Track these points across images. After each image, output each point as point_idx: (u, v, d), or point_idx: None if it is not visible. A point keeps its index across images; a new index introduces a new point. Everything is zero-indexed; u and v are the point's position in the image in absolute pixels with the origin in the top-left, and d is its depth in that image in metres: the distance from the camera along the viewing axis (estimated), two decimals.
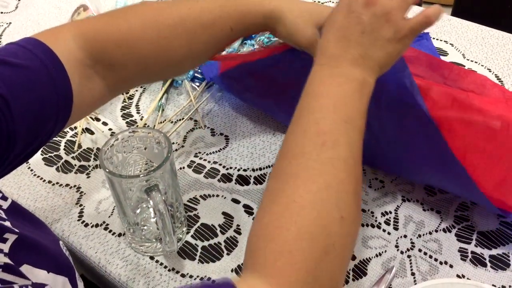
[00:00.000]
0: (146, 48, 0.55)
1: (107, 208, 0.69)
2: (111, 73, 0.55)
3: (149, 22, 0.55)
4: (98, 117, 0.82)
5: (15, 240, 0.44)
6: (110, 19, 0.55)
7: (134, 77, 0.59)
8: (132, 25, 0.54)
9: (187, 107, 0.83)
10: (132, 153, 0.61)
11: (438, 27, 0.97)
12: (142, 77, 0.61)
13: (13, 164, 0.51)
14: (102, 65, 0.54)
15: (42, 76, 0.49)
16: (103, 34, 0.54)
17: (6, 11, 1.09)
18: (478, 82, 0.65)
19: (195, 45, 0.57)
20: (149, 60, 0.56)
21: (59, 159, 0.76)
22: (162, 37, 0.55)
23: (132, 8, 0.57)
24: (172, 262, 0.62)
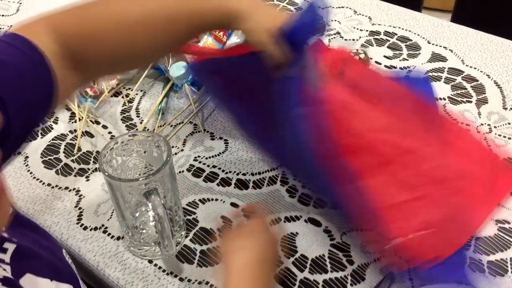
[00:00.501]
0: (114, 42, 0.56)
1: (106, 211, 0.69)
2: (82, 64, 0.56)
3: (115, 16, 0.56)
4: (98, 120, 0.82)
5: (14, 249, 0.44)
6: (80, 12, 0.56)
7: (104, 68, 0.60)
8: (100, 19, 0.55)
9: (187, 111, 0.83)
10: (131, 157, 0.61)
11: (437, 32, 0.97)
12: (112, 68, 0.62)
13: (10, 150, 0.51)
14: (73, 57, 0.55)
15: (30, 70, 0.49)
16: (73, 27, 0.55)
17: (7, 14, 1.09)
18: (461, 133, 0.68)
19: (158, 40, 0.58)
20: (117, 52, 0.57)
21: (58, 162, 0.76)
22: (127, 31, 0.56)
23: (100, 2, 0.58)
24: (170, 266, 0.62)
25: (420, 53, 0.93)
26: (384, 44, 0.96)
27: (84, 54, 0.55)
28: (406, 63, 0.91)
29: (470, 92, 0.84)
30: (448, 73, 0.88)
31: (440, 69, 0.89)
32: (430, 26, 0.99)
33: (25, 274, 0.43)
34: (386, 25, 1.00)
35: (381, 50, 0.94)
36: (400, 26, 1.00)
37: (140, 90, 0.88)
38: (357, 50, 0.91)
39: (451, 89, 0.85)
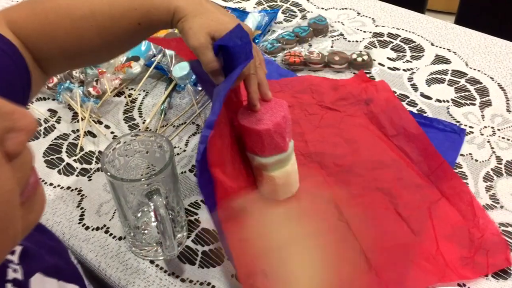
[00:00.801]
0: (64, 38, 0.56)
1: (108, 212, 0.68)
2: (40, 58, 0.57)
3: (63, 12, 0.56)
4: (100, 120, 0.82)
5: (21, 250, 0.44)
6: (31, 7, 0.57)
7: (60, 63, 0.60)
8: (49, 15, 0.56)
9: (190, 111, 0.83)
10: (134, 157, 0.61)
11: (441, 35, 0.97)
12: (67, 63, 0.62)
13: None
14: (31, 50, 0.56)
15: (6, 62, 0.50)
16: (27, 22, 0.55)
17: None
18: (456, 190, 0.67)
19: (106, 37, 0.58)
20: (69, 49, 0.58)
21: (61, 162, 0.76)
22: (75, 27, 0.56)
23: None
24: (172, 266, 0.62)
25: (424, 55, 0.92)
26: (388, 45, 0.95)
27: (39, 48, 0.56)
28: (410, 65, 0.90)
29: (473, 94, 0.84)
30: (452, 75, 0.88)
31: (443, 71, 0.89)
32: (433, 28, 0.99)
33: (35, 274, 0.43)
34: (390, 26, 1.00)
35: (384, 52, 0.94)
36: (404, 28, 0.99)
37: (142, 90, 0.88)
38: (360, 51, 0.91)
39: (454, 91, 0.85)
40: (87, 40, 0.57)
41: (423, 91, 0.85)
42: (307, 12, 1.06)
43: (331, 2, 1.08)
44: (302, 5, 1.08)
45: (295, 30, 0.98)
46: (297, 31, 0.97)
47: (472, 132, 0.77)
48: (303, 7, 1.08)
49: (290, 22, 1.03)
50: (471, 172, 0.71)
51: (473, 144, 0.75)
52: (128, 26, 0.58)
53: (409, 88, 0.86)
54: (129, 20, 0.57)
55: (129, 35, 0.59)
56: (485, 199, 0.68)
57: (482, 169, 0.72)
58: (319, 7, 1.07)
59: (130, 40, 0.62)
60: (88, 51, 0.59)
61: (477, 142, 0.76)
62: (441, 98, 0.83)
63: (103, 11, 0.56)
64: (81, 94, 0.83)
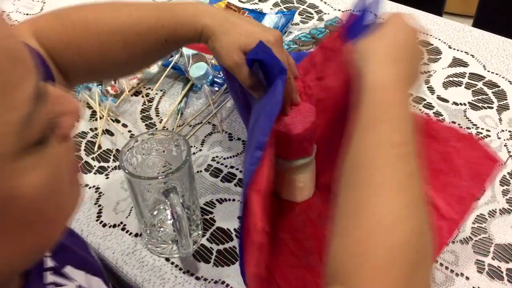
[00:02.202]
0: (90, 51, 0.57)
1: (125, 209, 0.69)
2: (63, 69, 0.57)
3: (91, 26, 0.57)
4: (118, 119, 0.83)
5: None
6: (60, 19, 0.57)
7: (83, 75, 0.61)
8: (77, 27, 0.56)
9: (206, 111, 0.84)
10: (151, 155, 0.62)
11: (459, 38, 0.96)
12: (91, 76, 0.63)
13: None
14: (55, 61, 0.56)
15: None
16: (53, 34, 0.56)
17: (32, 13, 1.11)
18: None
19: (133, 52, 0.59)
20: (94, 62, 0.58)
21: (79, 160, 0.77)
22: (102, 41, 0.57)
23: (77, 9, 0.59)
24: (187, 264, 0.63)
25: (441, 58, 0.92)
26: None
27: (64, 61, 0.56)
28: (427, 67, 0.90)
29: (491, 98, 0.83)
30: (469, 79, 0.87)
31: (461, 74, 0.88)
32: (451, 31, 0.98)
33: (66, 266, 0.44)
34: None
35: None
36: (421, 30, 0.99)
37: (160, 90, 0.89)
38: None
39: (472, 94, 0.84)
40: (113, 54, 0.57)
41: (440, 94, 0.85)
42: (324, 14, 1.06)
43: (348, 3, 1.08)
44: (319, 6, 1.08)
45: (311, 32, 0.98)
46: (313, 32, 0.98)
47: (489, 135, 0.77)
48: (320, 8, 1.08)
49: (307, 23, 1.04)
50: None
51: (489, 148, 0.75)
52: (155, 43, 0.58)
53: (426, 91, 0.85)
54: (155, 36, 0.57)
55: (155, 51, 0.60)
56: (502, 203, 0.67)
57: (498, 173, 0.71)
58: (336, 8, 1.07)
59: (155, 55, 0.62)
60: (113, 65, 0.59)
61: (494, 146, 0.75)
62: (458, 101, 0.83)
63: (130, 26, 0.57)
64: (100, 93, 0.85)
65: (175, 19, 0.57)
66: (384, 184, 0.41)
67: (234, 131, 0.80)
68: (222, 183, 0.72)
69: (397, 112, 0.46)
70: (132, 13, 0.58)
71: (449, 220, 0.51)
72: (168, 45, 0.59)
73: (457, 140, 0.54)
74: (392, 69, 0.48)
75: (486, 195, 0.68)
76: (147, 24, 0.57)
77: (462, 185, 0.50)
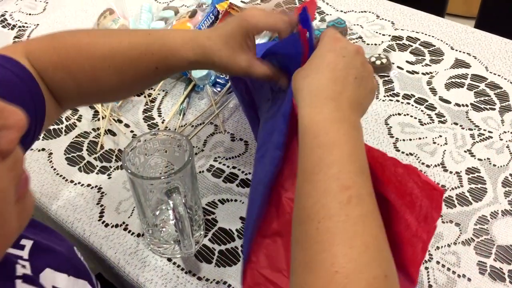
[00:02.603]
0: (81, 75, 0.56)
1: (127, 209, 0.70)
2: (54, 92, 0.57)
3: (83, 50, 0.56)
4: (120, 119, 0.84)
5: (32, 245, 0.44)
6: (52, 42, 0.57)
7: (74, 99, 0.60)
8: (69, 52, 0.56)
9: (208, 111, 0.84)
10: (153, 155, 0.62)
11: (461, 39, 0.96)
12: (82, 100, 0.62)
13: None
14: (47, 83, 0.56)
15: (21, 88, 0.51)
16: (45, 56, 0.55)
17: (34, 13, 1.11)
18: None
19: (123, 78, 0.58)
20: (85, 86, 0.57)
21: (81, 160, 0.77)
22: (93, 66, 0.56)
23: (71, 34, 0.58)
24: (189, 264, 0.63)
25: (443, 59, 0.92)
26: (407, 49, 0.95)
27: (53, 82, 0.56)
28: (429, 68, 0.90)
29: (493, 99, 0.83)
30: (472, 80, 0.87)
31: (463, 75, 0.89)
32: (453, 32, 0.98)
33: (45, 269, 0.44)
34: (409, 30, 1.00)
35: (403, 55, 0.93)
36: (423, 31, 0.99)
37: (162, 90, 0.89)
38: (379, 54, 0.91)
39: (474, 96, 0.84)
40: (104, 79, 0.57)
41: (442, 95, 0.85)
42: (326, 15, 1.06)
43: (350, 4, 1.08)
44: (321, 7, 1.08)
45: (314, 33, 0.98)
46: (316, 33, 0.98)
47: (491, 137, 0.77)
48: (322, 9, 1.08)
49: None
50: (490, 177, 0.71)
51: (492, 149, 0.75)
52: (145, 70, 0.57)
53: (428, 92, 0.85)
54: (146, 63, 0.56)
55: (146, 77, 0.59)
56: (504, 204, 0.67)
57: (500, 174, 0.71)
58: (338, 9, 1.07)
59: (147, 82, 0.61)
60: (105, 90, 0.59)
61: (496, 147, 0.75)
62: (460, 103, 0.83)
63: (122, 52, 0.56)
64: None
65: (165, 47, 0.56)
66: (336, 234, 0.39)
67: (236, 131, 0.80)
68: (224, 184, 0.72)
69: (341, 152, 0.43)
70: (124, 40, 0.57)
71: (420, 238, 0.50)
72: (160, 72, 0.58)
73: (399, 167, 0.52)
74: (328, 107, 0.45)
75: (488, 196, 0.69)
76: (137, 51, 0.56)
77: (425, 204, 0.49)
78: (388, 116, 0.81)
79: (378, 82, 0.88)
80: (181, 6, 1.08)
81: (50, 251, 0.47)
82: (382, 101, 0.84)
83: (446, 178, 0.71)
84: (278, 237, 0.53)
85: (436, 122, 0.80)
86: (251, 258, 0.53)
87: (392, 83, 0.87)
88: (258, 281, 0.52)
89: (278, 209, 0.53)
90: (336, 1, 1.10)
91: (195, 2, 1.05)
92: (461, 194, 0.69)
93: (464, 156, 0.74)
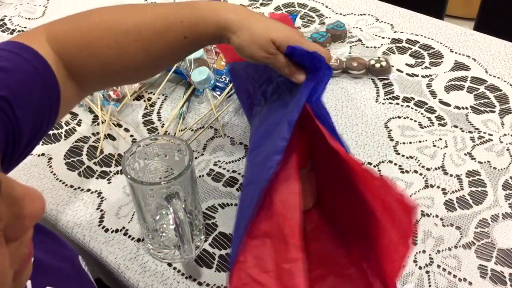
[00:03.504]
0: (106, 53, 0.55)
1: (127, 214, 0.69)
2: (78, 74, 0.56)
3: (107, 27, 0.55)
4: (120, 123, 0.83)
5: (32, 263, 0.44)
6: (75, 22, 0.56)
7: (99, 80, 0.59)
8: (93, 29, 0.55)
9: (208, 115, 0.84)
10: (153, 160, 0.62)
11: (461, 41, 0.96)
12: (107, 80, 0.61)
13: (22, 157, 0.52)
14: (69, 66, 0.55)
15: (34, 76, 0.50)
16: (69, 37, 0.55)
17: (33, 17, 1.11)
18: None
19: (151, 51, 0.57)
20: (110, 64, 0.57)
21: (81, 164, 0.77)
22: (119, 42, 0.55)
23: (94, 12, 0.58)
24: (189, 269, 0.63)
25: (443, 62, 0.92)
26: (406, 52, 0.95)
27: (79, 64, 0.55)
28: (428, 71, 0.90)
29: (493, 101, 0.83)
30: (471, 82, 0.87)
31: (463, 78, 0.88)
32: (453, 35, 0.98)
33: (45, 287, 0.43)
34: (408, 32, 1.00)
35: (403, 58, 0.93)
36: (423, 34, 0.99)
37: (162, 94, 0.89)
38: (378, 57, 0.91)
39: (474, 98, 0.84)
40: (131, 55, 0.56)
41: (442, 98, 0.85)
42: (325, 18, 1.06)
43: (350, 7, 1.08)
44: (320, 10, 1.08)
45: (313, 36, 0.98)
46: (315, 36, 0.98)
47: (491, 139, 0.77)
48: (321, 12, 1.08)
49: (308, 27, 1.04)
50: (490, 180, 0.71)
51: (492, 152, 0.75)
52: (174, 40, 0.56)
53: (428, 95, 0.85)
54: (175, 33, 0.56)
55: (174, 49, 0.58)
56: (504, 208, 0.67)
57: (501, 177, 0.71)
58: (338, 12, 1.07)
59: (174, 55, 0.60)
60: (131, 67, 0.58)
61: (496, 150, 0.75)
62: (460, 105, 0.83)
63: (148, 24, 0.55)
64: (102, 97, 0.85)
65: (195, 14, 0.56)
66: None
67: (236, 135, 0.80)
68: (224, 188, 0.72)
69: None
70: (149, 11, 0.56)
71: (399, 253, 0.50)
72: (188, 43, 0.57)
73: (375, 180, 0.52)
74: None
75: (489, 199, 0.68)
76: (165, 21, 0.56)
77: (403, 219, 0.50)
78: (388, 119, 0.81)
79: (378, 85, 0.88)
80: None
81: (51, 267, 0.46)
82: (382, 104, 0.84)
83: (447, 181, 0.71)
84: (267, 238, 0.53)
85: (436, 125, 0.80)
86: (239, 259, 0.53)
87: (392, 86, 0.87)
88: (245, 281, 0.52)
89: (269, 211, 0.53)
90: (336, 4, 1.10)
91: None
92: (461, 197, 0.69)
93: (464, 159, 0.74)
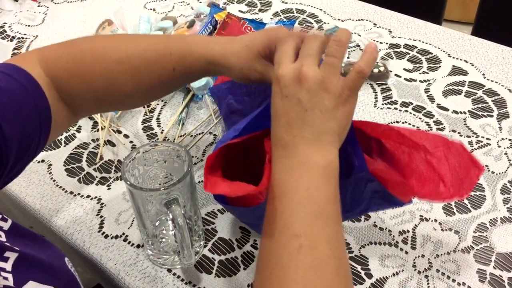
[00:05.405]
0: (97, 80, 0.56)
1: (127, 220, 0.70)
2: (69, 99, 0.57)
3: (99, 55, 0.56)
4: (119, 129, 0.84)
5: (16, 258, 0.44)
6: (68, 48, 0.57)
7: (89, 106, 0.60)
8: (85, 56, 0.56)
9: (207, 121, 0.84)
10: (152, 166, 0.62)
11: (458, 46, 0.97)
12: (97, 107, 0.62)
13: (6, 180, 0.52)
14: (61, 90, 0.56)
15: (24, 97, 0.51)
16: (61, 62, 0.55)
17: (33, 24, 1.12)
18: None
19: (140, 81, 0.57)
20: (100, 92, 0.57)
21: (81, 171, 0.77)
22: (109, 71, 0.56)
23: (87, 39, 0.59)
24: (189, 275, 0.63)
25: (441, 66, 0.93)
26: (404, 57, 0.96)
27: (69, 90, 0.56)
28: (426, 76, 0.91)
29: (491, 106, 0.84)
30: (469, 87, 0.88)
31: (460, 82, 0.89)
32: (450, 40, 0.99)
33: (28, 282, 0.43)
34: (406, 38, 1.00)
35: (401, 63, 0.94)
36: (421, 39, 1.00)
37: (161, 100, 0.89)
38: (377, 62, 0.91)
39: (471, 103, 0.85)
40: (120, 84, 0.57)
41: (440, 103, 0.85)
42: (324, 23, 1.07)
43: (348, 13, 1.09)
44: (319, 16, 1.09)
45: None
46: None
47: (489, 144, 0.77)
48: (320, 18, 1.09)
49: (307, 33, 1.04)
50: (488, 184, 0.71)
51: (490, 156, 0.75)
52: (163, 71, 0.57)
53: (426, 100, 0.86)
54: (164, 64, 0.56)
55: (164, 80, 0.58)
56: (502, 212, 0.67)
57: (499, 181, 0.71)
58: (336, 18, 1.08)
59: (164, 86, 0.60)
60: (120, 96, 0.58)
61: (494, 154, 0.75)
62: (458, 110, 0.83)
63: (139, 55, 0.56)
64: None
65: (184, 47, 0.56)
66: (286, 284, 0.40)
67: None
68: None
69: (291, 200, 0.44)
70: (142, 42, 0.57)
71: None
72: (178, 75, 0.57)
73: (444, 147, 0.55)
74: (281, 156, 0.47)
75: (487, 203, 0.69)
76: (155, 52, 0.56)
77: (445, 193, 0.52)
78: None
79: (376, 90, 0.88)
80: (179, 16, 1.09)
81: (36, 263, 0.46)
82: (380, 109, 0.84)
83: None
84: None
85: (434, 129, 0.80)
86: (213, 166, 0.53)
87: (390, 91, 0.88)
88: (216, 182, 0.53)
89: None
90: (334, 9, 1.11)
91: (193, 12, 1.05)
92: (460, 202, 0.69)
93: None
